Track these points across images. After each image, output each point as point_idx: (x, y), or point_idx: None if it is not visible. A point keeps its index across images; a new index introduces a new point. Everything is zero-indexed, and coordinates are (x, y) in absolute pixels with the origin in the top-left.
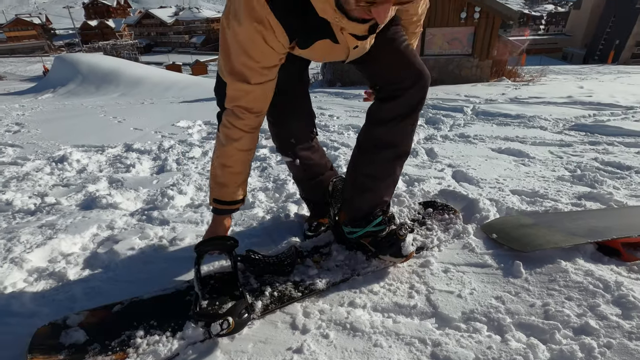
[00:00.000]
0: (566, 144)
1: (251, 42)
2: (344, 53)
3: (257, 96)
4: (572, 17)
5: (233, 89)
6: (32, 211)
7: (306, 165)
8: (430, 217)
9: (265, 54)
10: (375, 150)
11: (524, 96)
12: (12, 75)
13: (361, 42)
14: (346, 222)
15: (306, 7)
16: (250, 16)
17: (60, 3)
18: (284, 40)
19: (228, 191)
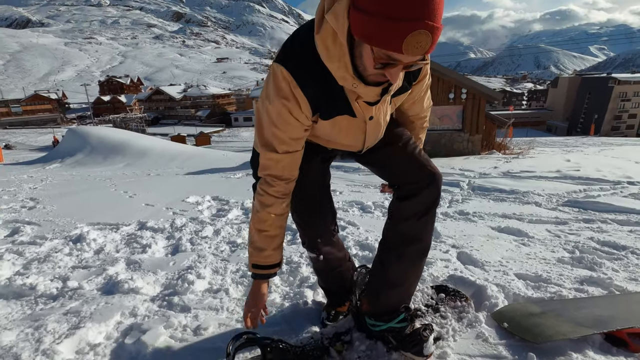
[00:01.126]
0: (562, 221)
1: (279, 115)
2: (362, 129)
3: (285, 165)
4: (551, 94)
5: (265, 158)
6: (54, 296)
7: (328, 259)
8: (443, 304)
9: (291, 125)
10: (402, 246)
11: (516, 170)
12: (22, 145)
13: (376, 112)
14: (369, 314)
15: (326, 78)
16: (278, 95)
17: (78, 81)
18: (307, 111)
19: (265, 254)
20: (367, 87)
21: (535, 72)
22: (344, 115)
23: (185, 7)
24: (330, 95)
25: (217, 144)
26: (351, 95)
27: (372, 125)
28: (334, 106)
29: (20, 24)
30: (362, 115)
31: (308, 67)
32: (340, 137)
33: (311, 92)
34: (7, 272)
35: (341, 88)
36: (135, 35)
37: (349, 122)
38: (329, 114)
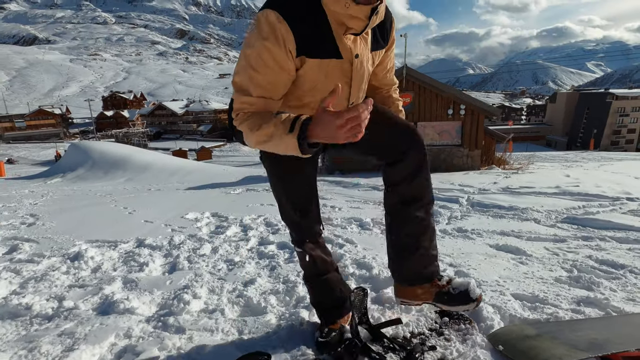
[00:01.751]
0: (560, 239)
1: (258, 57)
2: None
3: (259, 107)
4: (549, 109)
5: (238, 102)
6: (50, 316)
7: (315, 261)
8: (447, 327)
9: (270, 68)
10: (404, 207)
11: (515, 185)
12: (25, 159)
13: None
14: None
15: (315, 14)
16: (259, 37)
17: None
18: (292, 48)
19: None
20: (359, 6)
21: (534, 88)
22: (332, 59)
23: (189, 25)
24: (317, 32)
25: (218, 159)
26: (339, 31)
27: (357, 68)
28: (321, 45)
29: (27, 41)
30: (349, 55)
31: (296, 4)
32: (326, 85)
33: (299, 28)
34: (4, 291)
35: (328, 26)
36: (140, 52)
37: (335, 65)
38: (317, 52)
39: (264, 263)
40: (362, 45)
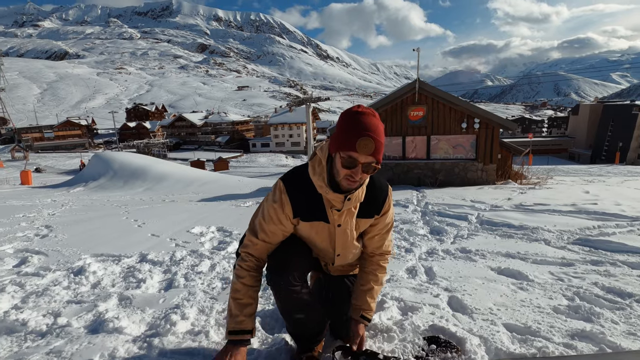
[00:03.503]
0: (568, 262)
1: (268, 212)
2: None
3: (259, 248)
4: (572, 122)
5: (247, 239)
6: (43, 333)
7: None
8: (433, 355)
9: (273, 222)
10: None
11: (529, 202)
12: (51, 168)
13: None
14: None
15: (311, 191)
16: (273, 199)
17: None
18: (289, 212)
19: (238, 320)
20: (334, 194)
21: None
22: (320, 221)
23: (210, 39)
24: (311, 204)
25: (235, 169)
26: (327, 205)
27: (340, 232)
28: (313, 212)
29: (59, 56)
30: (334, 221)
31: (298, 183)
32: (317, 239)
33: (296, 199)
34: (6, 305)
35: (321, 200)
36: (162, 66)
37: (323, 227)
38: (308, 217)
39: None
40: (347, 217)
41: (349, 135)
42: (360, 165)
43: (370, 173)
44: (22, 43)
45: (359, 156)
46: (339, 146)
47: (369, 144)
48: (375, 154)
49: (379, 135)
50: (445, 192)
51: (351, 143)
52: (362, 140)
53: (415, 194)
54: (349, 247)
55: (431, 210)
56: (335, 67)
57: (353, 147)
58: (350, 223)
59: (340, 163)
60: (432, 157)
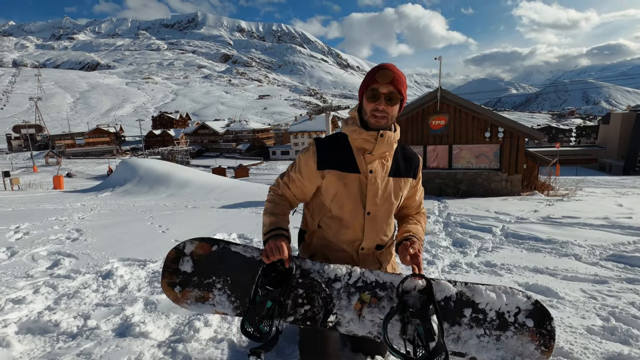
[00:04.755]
0: (601, 280)
1: (298, 160)
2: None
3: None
4: (602, 131)
5: (277, 180)
6: (74, 334)
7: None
8: None
9: (301, 168)
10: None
11: (557, 215)
12: (81, 173)
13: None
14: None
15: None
16: (302, 152)
17: (134, 116)
18: (314, 159)
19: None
20: (368, 132)
21: (584, 108)
22: (350, 173)
23: (233, 50)
24: (341, 155)
25: (255, 176)
26: (358, 155)
27: (372, 182)
28: (342, 163)
29: (91, 67)
30: (365, 170)
31: (329, 139)
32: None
33: (323, 151)
34: (40, 305)
35: (351, 152)
36: (187, 75)
37: (353, 178)
38: (337, 166)
39: None
40: (379, 166)
41: (370, 74)
42: (382, 96)
43: (394, 104)
44: (58, 55)
45: (380, 86)
46: (363, 85)
47: (386, 73)
48: (394, 82)
49: (397, 70)
50: (467, 203)
51: (371, 77)
52: (381, 71)
53: (437, 204)
54: (381, 203)
55: (453, 222)
56: (356, 75)
57: (373, 79)
58: (383, 175)
59: (365, 98)
60: (454, 167)
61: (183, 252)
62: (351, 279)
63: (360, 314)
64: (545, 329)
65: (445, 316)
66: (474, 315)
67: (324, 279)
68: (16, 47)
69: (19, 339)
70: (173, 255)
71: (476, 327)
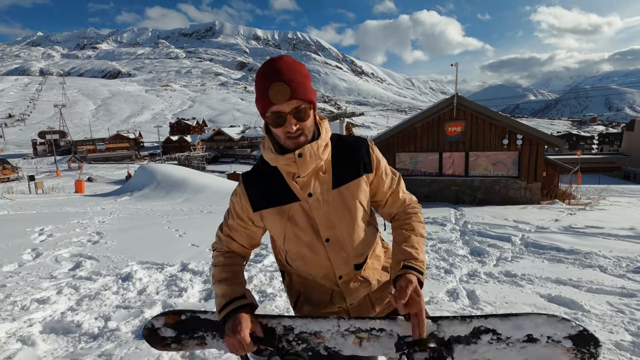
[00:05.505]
0: (629, 293)
1: (231, 206)
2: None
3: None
4: (626, 138)
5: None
6: (95, 335)
7: None
8: None
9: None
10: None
11: (580, 225)
12: (102, 178)
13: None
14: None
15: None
16: (234, 193)
17: (153, 122)
18: (247, 204)
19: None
20: (284, 156)
21: (607, 114)
22: (290, 204)
23: (249, 58)
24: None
25: None
26: (289, 180)
27: (315, 203)
28: (277, 197)
29: (113, 75)
30: (302, 195)
31: (256, 171)
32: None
33: (253, 189)
34: (63, 306)
35: (283, 181)
36: (204, 83)
37: (296, 209)
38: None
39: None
40: (316, 184)
41: (260, 91)
42: (289, 116)
43: (306, 118)
44: (82, 64)
45: (280, 106)
46: (261, 108)
47: (282, 89)
48: (295, 95)
49: (291, 74)
50: (485, 211)
51: (265, 98)
52: (273, 88)
53: (453, 212)
54: (336, 224)
55: (471, 230)
56: (370, 82)
57: (268, 101)
58: (324, 190)
59: (271, 124)
60: (470, 174)
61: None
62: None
63: (361, 345)
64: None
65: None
66: (493, 338)
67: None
68: (43, 56)
69: (43, 338)
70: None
71: (496, 344)
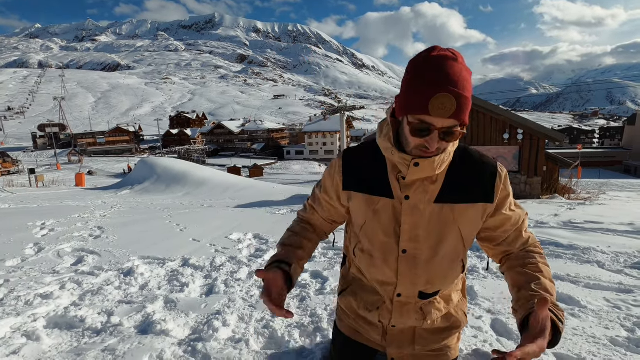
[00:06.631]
0: (626, 289)
1: (323, 178)
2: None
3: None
4: (627, 132)
5: (305, 203)
6: (98, 330)
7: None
8: None
9: (326, 187)
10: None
11: (579, 220)
12: (102, 171)
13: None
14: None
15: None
16: (330, 166)
17: (153, 116)
18: (339, 183)
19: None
20: (401, 154)
21: (608, 108)
22: (381, 197)
23: (249, 50)
24: (371, 174)
25: (270, 176)
26: (392, 175)
27: (408, 209)
28: (372, 184)
29: (112, 68)
30: (399, 194)
31: (359, 151)
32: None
33: (350, 168)
34: (66, 301)
35: (385, 171)
36: (204, 76)
37: (385, 204)
38: (364, 189)
39: (295, 292)
40: (419, 189)
41: (419, 92)
42: (437, 132)
43: (452, 141)
44: (81, 56)
45: (435, 120)
46: (407, 107)
47: (447, 103)
48: (458, 114)
49: (463, 87)
50: None
51: (421, 103)
52: (438, 98)
53: None
54: (423, 240)
55: None
56: (371, 75)
57: (425, 109)
58: (425, 200)
59: (409, 130)
60: None
61: None
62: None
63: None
64: None
65: None
66: None
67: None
68: (42, 48)
69: (47, 333)
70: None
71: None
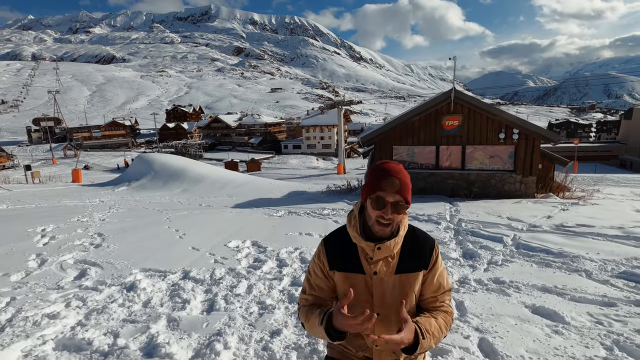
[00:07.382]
0: (609, 302)
1: (312, 269)
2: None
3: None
4: (624, 126)
5: (300, 298)
6: (105, 353)
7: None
8: None
9: (316, 274)
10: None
11: (571, 223)
12: (98, 166)
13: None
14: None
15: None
16: (314, 257)
17: (149, 109)
18: (326, 264)
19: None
20: (366, 242)
21: (606, 102)
22: (356, 273)
23: (246, 43)
24: (346, 255)
25: (267, 170)
26: (362, 255)
27: (377, 282)
28: (348, 263)
29: (107, 60)
30: (369, 271)
31: (335, 237)
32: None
33: (331, 251)
34: (72, 320)
35: (356, 252)
36: (200, 69)
37: (359, 279)
38: (343, 267)
39: (293, 309)
40: (383, 266)
41: (376, 179)
42: (389, 205)
43: (400, 212)
44: (75, 48)
45: (387, 195)
46: (368, 191)
47: (394, 182)
48: (401, 192)
49: (404, 176)
50: (480, 206)
51: (378, 184)
52: (388, 179)
53: (449, 207)
54: (390, 304)
55: (464, 229)
56: (369, 68)
57: (379, 187)
58: (388, 274)
59: (370, 205)
60: (467, 168)
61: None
62: None
63: None
64: None
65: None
66: None
67: None
68: (35, 40)
69: (56, 356)
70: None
71: None
